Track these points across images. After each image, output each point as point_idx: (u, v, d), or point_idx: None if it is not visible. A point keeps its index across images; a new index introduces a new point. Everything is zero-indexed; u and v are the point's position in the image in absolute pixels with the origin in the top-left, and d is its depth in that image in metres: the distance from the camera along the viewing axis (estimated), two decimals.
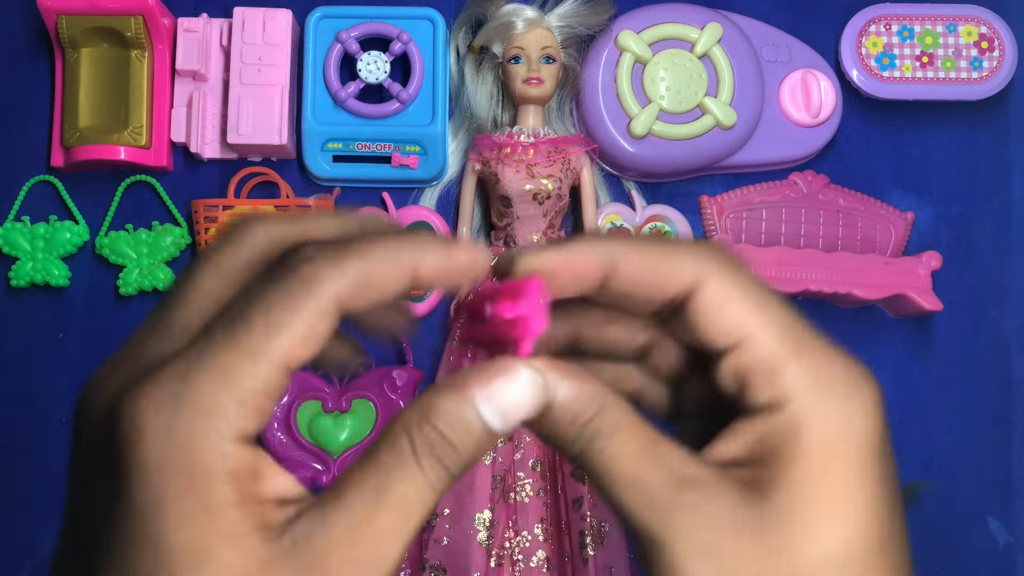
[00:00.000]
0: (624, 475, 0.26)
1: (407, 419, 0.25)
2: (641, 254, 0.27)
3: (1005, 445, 0.74)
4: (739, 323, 0.26)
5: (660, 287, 0.27)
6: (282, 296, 0.25)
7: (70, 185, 0.74)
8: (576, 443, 0.26)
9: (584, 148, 0.72)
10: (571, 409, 0.26)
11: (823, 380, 0.26)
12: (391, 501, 0.24)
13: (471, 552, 0.66)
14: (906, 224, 0.75)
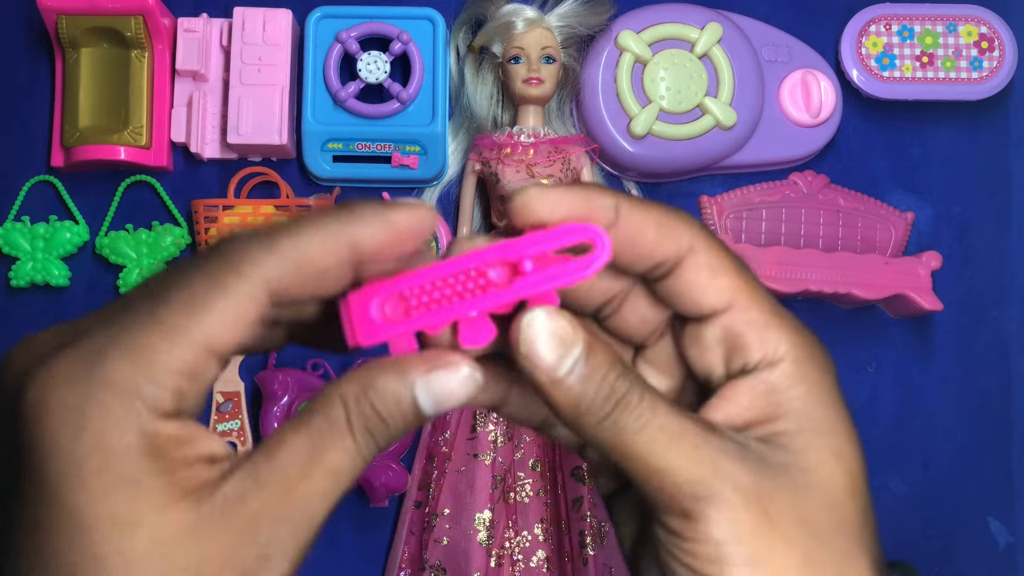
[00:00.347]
0: (668, 429, 0.26)
1: (345, 390, 0.25)
2: (643, 212, 0.28)
3: (1005, 445, 0.74)
4: (730, 288, 0.28)
5: (658, 247, 0.28)
6: (207, 277, 0.24)
7: (70, 185, 0.74)
8: (610, 400, 0.26)
9: (584, 148, 0.72)
10: (605, 363, 0.27)
11: (803, 339, 0.28)
12: (323, 466, 0.25)
13: (471, 552, 0.66)
14: (906, 224, 0.75)
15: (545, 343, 0.26)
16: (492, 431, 0.68)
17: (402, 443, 0.70)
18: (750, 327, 0.28)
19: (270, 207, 0.71)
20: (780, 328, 0.28)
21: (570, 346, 0.26)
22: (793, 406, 0.27)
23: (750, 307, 0.28)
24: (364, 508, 0.71)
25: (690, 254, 0.28)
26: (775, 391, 0.27)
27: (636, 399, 0.26)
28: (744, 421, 0.28)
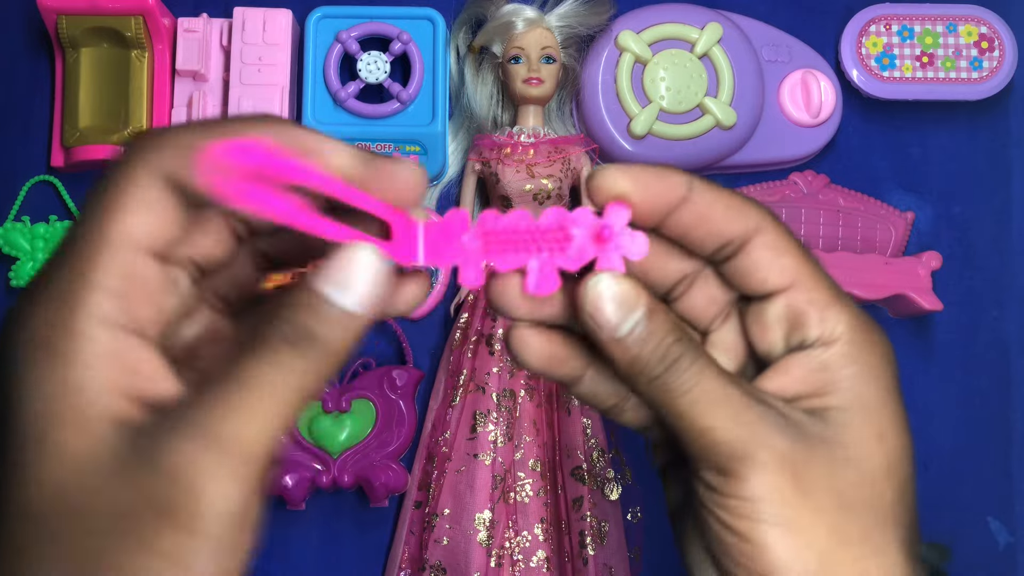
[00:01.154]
0: (713, 392, 0.28)
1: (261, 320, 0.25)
2: (715, 192, 0.29)
3: (1005, 445, 0.74)
4: (794, 267, 0.29)
5: (727, 226, 0.29)
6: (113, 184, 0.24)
7: (70, 185, 0.74)
8: (663, 362, 0.28)
9: (584, 148, 0.72)
10: (663, 327, 0.28)
11: (863, 323, 0.29)
12: (240, 382, 0.24)
13: (471, 552, 0.66)
14: (906, 224, 0.75)
15: (608, 303, 0.28)
16: (492, 431, 0.68)
17: (402, 443, 0.70)
18: (811, 305, 0.29)
19: None
20: (840, 309, 0.29)
21: (632, 308, 0.28)
22: (843, 384, 0.29)
23: (812, 287, 0.29)
24: (364, 508, 0.71)
25: (757, 234, 0.29)
26: (828, 368, 0.29)
27: (687, 363, 0.28)
28: (794, 393, 0.29)
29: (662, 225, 0.29)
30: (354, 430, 0.70)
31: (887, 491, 0.28)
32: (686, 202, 0.29)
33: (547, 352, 0.30)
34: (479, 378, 0.68)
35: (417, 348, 0.72)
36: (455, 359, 0.70)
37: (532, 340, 0.30)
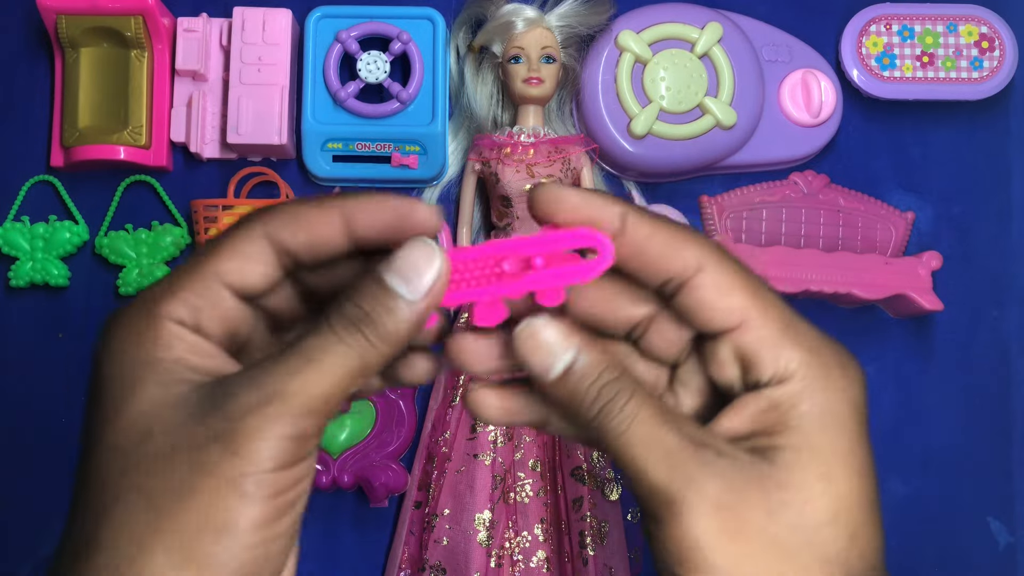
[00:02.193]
0: (645, 435, 0.28)
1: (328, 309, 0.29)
2: (651, 227, 0.29)
3: (1005, 445, 0.74)
4: (741, 306, 0.29)
5: (664, 262, 0.29)
6: (226, 233, 0.30)
7: (70, 185, 0.74)
8: (596, 403, 0.28)
9: (584, 148, 0.72)
10: (595, 369, 0.29)
11: (819, 359, 0.29)
12: (297, 352, 0.28)
13: (471, 552, 0.66)
14: (906, 224, 0.75)
15: (538, 347, 0.29)
16: (492, 431, 0.68)
17: (402, 443, 0.69)
18: (761, 345, 0.29)
19: None
20: (793, 345, 0.29)
21: (561, 351, 0.29)
22: (793, 423, 0.28)
23: (760, 325, 0.29)
24: (364, 508, 0.71)
25: (699, 272, 0.29)
26: (779, 407, 0.28)
27: (621, 403, 0.28)
28: (745, 432, 0.29)
29: None
30: (354, 430, 0.70)
31: (835, 536, 0.27)
32: (620, 235, 0.29)
33: (504, 407, 0.32)
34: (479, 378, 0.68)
35: None
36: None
37: (489, 399, 0.32)
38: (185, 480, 0.26)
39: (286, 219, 0.29)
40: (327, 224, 0.29)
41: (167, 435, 0.27)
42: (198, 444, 0.27)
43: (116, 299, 0.73)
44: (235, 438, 0.27)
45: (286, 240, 0.29)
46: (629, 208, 0.29)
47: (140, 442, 0.27)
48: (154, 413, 0.27)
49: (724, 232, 0.73)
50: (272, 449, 0.27)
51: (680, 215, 0.74)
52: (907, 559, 0.72)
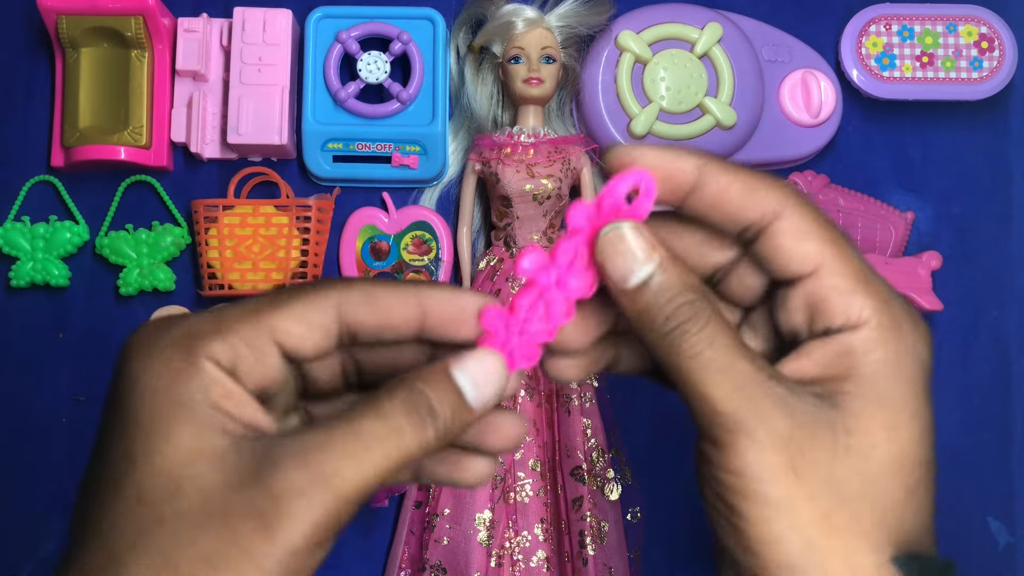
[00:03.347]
0: (720, 359, 0.27)
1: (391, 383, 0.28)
2: (729, 175, 0.29)
3: (1005, 445, 0.74)
4: (817, 252, 0.28)
5: (743, 210, 0.29)
6: (295, 290, 0.29)
7: (70, 185, 0.74)
8: (672, 320, 0.28)
9: (584, 148, 0.72)
10: (676, 286, 0.28)
11: (891, 310, 0.28)
12: (353, 431, 0.27)
13: (471, 552, 0.66)
14: (906, 224, 0.75)
15: (618, 254, 0.28)
16: None
17: None
18: (833, 292, 0.28)
19: (270, 207, 0.71)
20: (866, 295, 0.28)
21: (642, 260, 0.28)
22: (863, 371, 0.28)
23: (836, 271, 0.28)
24: (364, 508, 0.71)
25: (777, 219, 0.29)
26: (850, 352, 0.28)
27: (698, 326, 0.28)
28: (813, 376, 0.28)
29: (682, 207, 0.30)
30: None
31: (891, 487, 0.28)
32: (699, 186, 0.29)
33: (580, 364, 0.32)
34: None
35: None
36: None
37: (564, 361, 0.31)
38: (212, 552, 0.25)
39: (362, 299, 0.29)
40: (402, 311, 0.29)
41: (202, 497, 0.26)
42: (234, 515, 0.25)
43: (117, 299, 0.73)
44: (276, 519, 0.25)
45: (357, 318, 0.29)
46: (706, 158, 0.29)
47: (169, 497, 0.26)
48: (187, 465, 0.26)
49: None
50: (307, 536, 0.26)
51: None
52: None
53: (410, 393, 0.28)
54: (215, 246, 0.71)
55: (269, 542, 0.25)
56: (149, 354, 0.27)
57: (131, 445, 0.26)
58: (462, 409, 0.28)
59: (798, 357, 0.29)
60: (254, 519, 0.25)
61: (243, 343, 0.28)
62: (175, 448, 0.26)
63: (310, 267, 0.72)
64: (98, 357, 0.73)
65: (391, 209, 0.74)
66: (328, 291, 0.29)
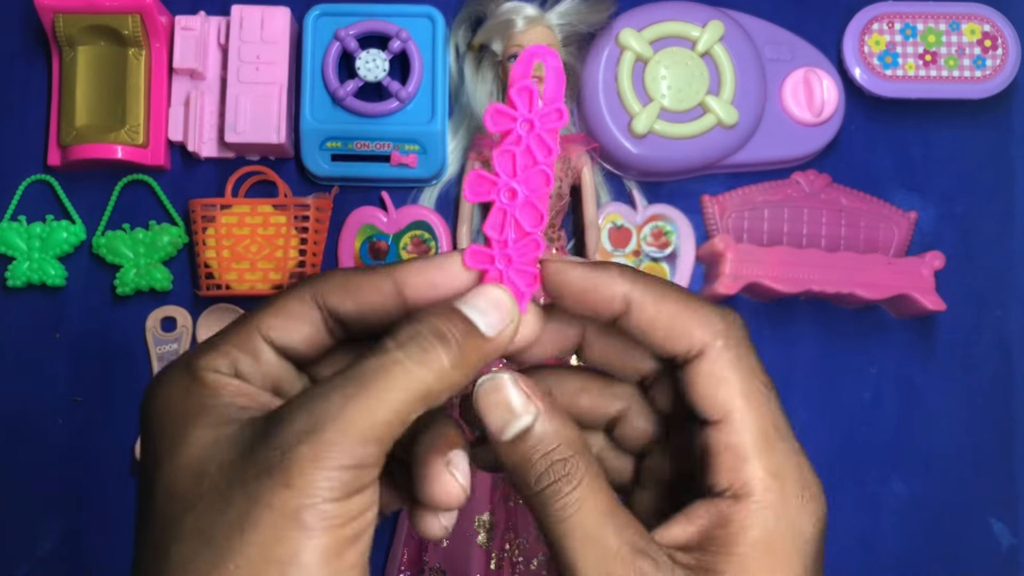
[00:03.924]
0: (585, 528, 0.27)
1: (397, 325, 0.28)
2: (658, 306, 0.29)
3: (1008, 446, 0.74)
4: (725, 403, 0.28)
5: (668, 343, 0.29)
6: (276, 292, 0.30)
7: (67, 184, 0.74)
8: (544, 479, 0.28)
9: (585, 147, 0.71)
10: (551, 441, 0.28)
11: (785, 483, 0.28)
12: (354, 372, 0.26)
13: (471, 554, 0.65)
14: (909, 224, 0.74)
15: (495, 406, 0.28)
16: None
17: None
18: (728, 452, 0.28)
19: (268, 206, 0.71)
20: (760, 463, 0.28)
21: (518, 414, 0.28)
22: (738, 549, 0.27)
23: (737, 431, 0.28)
24: None
25: (698, 357, 0.29)
26: (728, 525, 0.27)
27: (569, 487, 0.27)
28: (693, 542, 0.28)
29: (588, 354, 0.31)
30: None
31: None
32: (626, 313, 0.29)
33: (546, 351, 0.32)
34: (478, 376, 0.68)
35: None
36: None
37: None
38: (243, 515, 0.25)
39: (335, 284, 0.30)
40: (377, 291, 0.30)
41: (221, 471, 0.26)
42: (250, 478, 0.26)
43: (113, 299, 0.73)
44: (287, 469, 0.25)
45: (334, 304, 0.30)
46: (635, 281, 0.29)
47: (196, 483, 0.27)
48: (207, 453, 0.27)
49: (726, 232, 0.72)
50: (328, 479, 0.25)
51: (680, 215, 0.74)
52: (909, 560, 0.72)
53: (414, 324, 0.27)
54: (212, 246, 0.70)
55: (293, 494, 0.25)
56: (160, 387, 0.29)
57: (158, 452, 0.28)
58: (474, 335, 0.28)
59: (682, 520, 0.28)
60: (267, 476, 0.25)
61: (235, 348, 0.29)
62: (195, 442, 0.27)
63: (308, 267, 0.71)
64: (95, 357, 0.73)
65: (390, 208, 0.73)
66: (304, 284, 0.30)
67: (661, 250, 0.73)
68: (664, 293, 0.29)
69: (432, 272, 0.30)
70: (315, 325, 0.30)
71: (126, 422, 0.71)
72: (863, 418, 0.73)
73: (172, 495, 0.27)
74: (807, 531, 0.27)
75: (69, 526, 0.71)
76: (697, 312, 0.29)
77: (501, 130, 0.30)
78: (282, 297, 0.30)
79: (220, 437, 0.27)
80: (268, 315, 0.30)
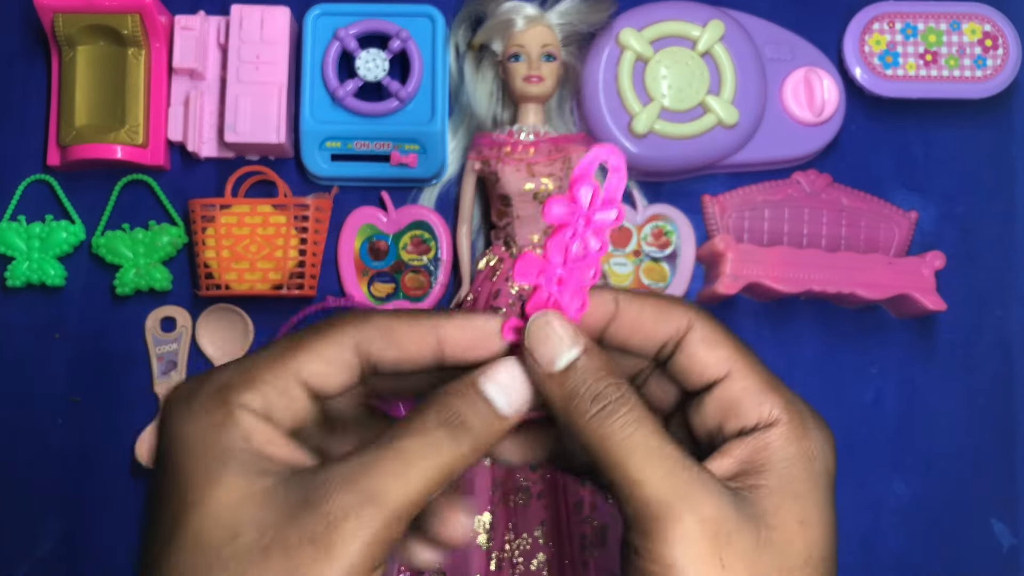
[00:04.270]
0: (648, 443, 0.28)
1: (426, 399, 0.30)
2: (640, 301, 0.32)
3: (1009, 446, 0.74)
4: (728, 358, 0.31)
5: (658, 329, 0.31)
6: (314, 330, 0.30)
7: (66, 184, 0.74)
8: (599, 401, 0.29)
9: (585, 147, 0.71)
10: (600, 370, 0.29)
11: (801, 411, 0.30)
12: (394, 450, 0.28)
13: (471, 555, 0.65)
14: (910, 223, 0.74)
15: (545, 339, 0.30)
16: None
17: None
18: (746, 393, 0.30)
19: (268, 206, 0.71)
20: (775, 395, 0.30)
21: (568, 346, 0.30)
22: (778, 466, 0.29)
23: (746, 376, 0.31)
24: None
25: (689, 331, 0.31)
26: (766, 448, 0.30)
27: (625, 409, 0.29)
28: (733, 472, 0.30)
29: (603, 338, 0.32)
30: None
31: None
32: (616, 316, 0.31)
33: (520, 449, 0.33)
34: None
35: None
36: None
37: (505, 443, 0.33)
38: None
39: (379, 334, 0.30)
40: (420, 344, 0.31)
41: (258, 533, 0.27)
42: (292, 545, 0.26)
43: (113, 299, 0.73)
44: (331, 541, 0.26)
45: (376, 355, 0.30)
46: (618, 291, 0.32)
47: (230, 539, 0.27)
48: (241, 507, 0.27)
49: (726, 232, 0.72)
50: (363, 554, 0.26)
51: (681, 215, 0.73)
52: (909, 560, 0.72)
53: (442, 409, 0.29)
54: (212, 246, 0.70)
55: (328, 565, 0.26)
56: (190, 410, 0.29)
57: (185, 494, 0.28)
58: (494, 419, 0.29)
59: (719, 456, 0.30)
60: (310, 544, 0.26)
61: (273, 391, 0.29)
62: (227, 492, 0.27)
63: (308, 267, 0.71)
64: (94, 357, 0.73)
65: (390, 208, 0.73)
66: (346, 328, 0.30)
67: (661, 250, 0.73)
68: (639, 296, 0.32)
69: (473, 333, 0.31)
70: (352, 372, 0.30)
71: (126, 422, 0.71)
72: (863, 418, 0.73)
73: (201, 546, 0.27)
74: (828, 454, 0.30)
75: (69, 526, 0.71)
76: (673, 303, 0.32)
77: (559, 222, 0.31)
78: (324, 342, 0.30)
79: (254, 490, 0.27)
80: (309, 361, 0.30)
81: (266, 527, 0.27)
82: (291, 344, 0.30)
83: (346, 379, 0.30)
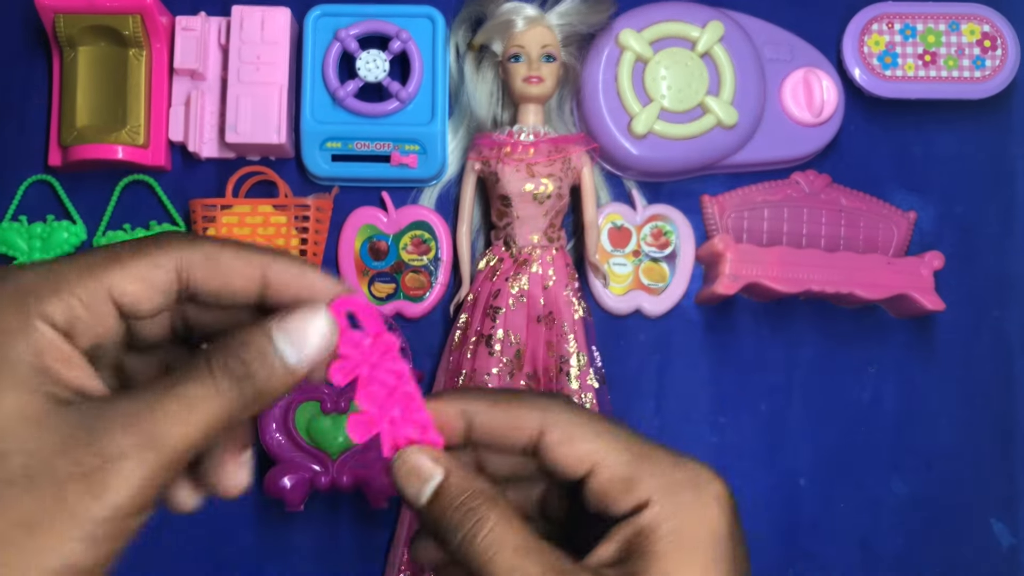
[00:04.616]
0: (509, 564, 0.28)
1: (211, 347, 0.28)
2: (488, 413, 0.31)
3: (1008, 446, 0.74)
4: (588, 453, 0.30)
5: (511, 437, 0.31)
6: (136, 244, 0.29)
7: (68, 184, 0.74)
8: (460, 528, 0.29)
9: (584, 147, 0.71)
10: (461, 492, 0.30)
11: (673, 482, 0.30)
12: (176, 394, 0.27)
13: None
14: (908, 224, 0.74)
15: (408, 475, 0.30)
16: None
17: None
18: (612, 484, 0.30)
19: (268, 207, 0.71)
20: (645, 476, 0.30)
21: (428, 476, 0.30)
22: (655, 547, 0.29)
23: (610, 465, 0.30)
24: (364, 509, 0.71)
25: (543, 434, 0.31)
26: (642, 531, 0.29)
27: (485, 530, 0.29)
28: (617, 557, 0.30)
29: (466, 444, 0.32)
30: None
31: None
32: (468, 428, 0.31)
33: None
34: (479, 378, 0.68)
35: (417, 348, 0.72)
36: (455, 359, 0.70)
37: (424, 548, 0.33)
38: (33, 514, 0.25)
39: (205, 261, 0.29)
40: (245, 278, 0.30)
41: (24, 459, 0.25)
42: (60, 477, 0.25)
43: None
44: (104, 479, 0.26)
45: (197, 282, 0.29)
46: (468, 401, 0.32)
47: None
48: (10, 427, 0.26)
49: (725, 232, 0.73)
50: (134, 495, 0.26)
51: (680, 215, 0.74)
52: (909, 560, 0.72)
53: (231, 357, 0.28)
54: None
55: (96, 502, 0.25)
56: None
57: None
58: (283, 371, 0.29)
59: (605, 542, 0.30)
60: (82, 479, 0.25)
61: (80, 303, 0.28)
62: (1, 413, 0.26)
63: None
64: None
65: (390, 208, 0.73)
66: (170, 249, 0.29)
67: (661, 250, 0.73)
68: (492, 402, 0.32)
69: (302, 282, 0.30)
70: (168, 297, 0.29)
71: None
72: (862, 418, 0.73)
73: None
74: (711, 517, 0.30)
75: None
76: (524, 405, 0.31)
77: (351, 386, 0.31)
78: (143, 259, 0.28)
79: (27, 411, 0.26)
80: (125, 276, 0.28)
81: (35, 453, 0.25)
82: (107, 256, 0.28)
83: (160, 303, 0.29)
